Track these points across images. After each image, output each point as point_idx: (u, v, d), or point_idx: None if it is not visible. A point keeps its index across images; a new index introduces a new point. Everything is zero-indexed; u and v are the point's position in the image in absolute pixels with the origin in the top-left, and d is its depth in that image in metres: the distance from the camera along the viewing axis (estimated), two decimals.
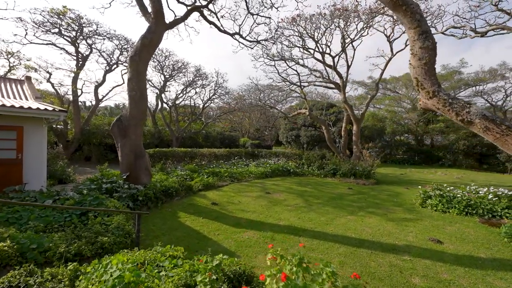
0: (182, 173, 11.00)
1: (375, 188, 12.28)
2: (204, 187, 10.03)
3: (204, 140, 24.85)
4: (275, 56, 15.58)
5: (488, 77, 26.23)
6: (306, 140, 25.96)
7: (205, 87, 23.15)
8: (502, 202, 7.47)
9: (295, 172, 15.69)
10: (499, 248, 5.40)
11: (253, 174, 13.75)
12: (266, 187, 11.38)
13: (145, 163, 8.16)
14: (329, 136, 16.34)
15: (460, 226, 6.73)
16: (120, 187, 6.73)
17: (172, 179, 9.77)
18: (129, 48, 18.31)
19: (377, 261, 4.67)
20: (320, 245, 5.33)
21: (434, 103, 3.64)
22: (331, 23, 13.86)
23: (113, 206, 5.18)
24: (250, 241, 5.34)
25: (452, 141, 24.41)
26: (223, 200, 8.62)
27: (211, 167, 13.82)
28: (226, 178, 12.16)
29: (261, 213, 7.41)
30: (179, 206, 7.67)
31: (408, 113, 27.77)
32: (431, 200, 8.41)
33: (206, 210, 7.44)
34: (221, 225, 6.25)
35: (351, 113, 15.61)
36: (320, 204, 8.77)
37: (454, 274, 4.32)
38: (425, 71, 3.65)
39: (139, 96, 8.02)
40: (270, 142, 38.92)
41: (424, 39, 3.58)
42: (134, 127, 8.01)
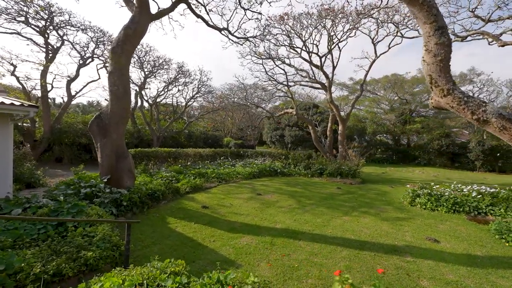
0: (167, 175, 10.37)
1: (362, 187, 12.45)
2: (192, 189, 9.50)
3: (186, 140, 23.99)
4: (262, 54, 15.32)
5: (458, 81, 27.96)
6: (290, 140, 26.01)
7: (187, 85, 22.34)
8: (486, 199, 7.78)
9: (282, 172, 15.55)
10: (492, 245, 5.53)
11: (240, 174, 13.38)
12: (256, 188, 11.07)
13: (128, 164, 7.49)
14: (316, 136, 16.40)
15: (451, 224, 6.88)
16: (101, 192, 6.07)
17: (157, 181, 9.14)
18: (106, 42, 17.11)
19: (382, 264, 4.55)
20: (322, 248, 5.12)
21: (448, 102, 3.53)
22: (319, 23, 13.87)
23: (96, 214, 4.58)
24: (249, 248, 5.00)
25: (427, 141, 25.69)
26: (214, 203, 8.18)
27: (197, 167, 13.24)
28: (213, 179, 11.68)
29: (255, 216, 7.09)
30: (167, 210, 7.12)
31: (386, 114, 28.84)
32: (420, 199, 8.59)
33: (196, 214, 6.97)
34: (215, 231, 5.84)
35: (337, 113, 15.77)
36: (313, 205, 8.63)
37: (458, 274, 4.30)
38: (440, 68, 3.53)
39: (122, 91, 7.35)
40: (253, 142, 38.72)
41: (440, 34, 3.45)
42: (116, 125, 7.33)
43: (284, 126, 27.31)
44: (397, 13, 13.56)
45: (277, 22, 13.76)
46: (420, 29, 14.07)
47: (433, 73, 3.60)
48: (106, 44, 17.06)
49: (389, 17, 13.24)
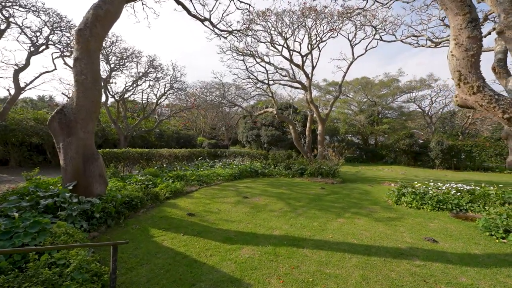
0: (142, 178, 9.26)
1: (344, 187, 12.55)
2: (172, 194, 8.58)
3: (157, 140, 22.37)
4: (241, 51, 14.72)
5: (419, 85, 30.35)
6: (266, 140, 25.77)
7: (159, 80, 20.76)
8: (465, 197, 8.19)
9: (263, 172, 15.15)
10: (485, 243, 5.68)
11: (221, 176, 12.66)
12: (240, 190, 10.47)
13: (99, 168, 6.38)
14: (296, 136, 16.29)
15: (439, 222, 7.04)
16: (67, 202, 4.97)
17: (132, 186, 8.07)
18: (64, 28, 15.01)
19: (395, 271, 4.31)
20: (329, 257, 4.75)
21: (478, 99, 3.34)
22: (301, 22, 13.73)
23: (65, 233, 3.60)
24: (253, 261, 4.43)
25: (393, 141, 27.39)
26: (200, 209, 7.41)
27: (175, 170, 12.19)
28: (194, 182, 10.80)
29: (248, 222, 6.52)
30: (148, 220, 6.20)
31: (357, 115, 30.14)
32: (405, 198, 8.77)
33: (183, 223, 6.17)
34: (209, 242, 5.14)
35: (317, 113, 15.83)
36: (304, 207, 8.31)
37: (469, 276, 4.22)
38: (471, 64, 3.32)
39: (90, 81, 6.22)
40: (227, 142, 37.89)
41: (473, 27, 3.24)
42: (83, 121, 6.18)
43: (260, 126, 27.00)
44: (374, 18, 13.98)
45: (259, 17, 13.29)
46: (395, 33, 14.55)
47: (462, 69, 3.38)
48: (64, 31, 14.99)
49: (367, 20, 13.60)
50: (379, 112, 30.44)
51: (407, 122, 32.48)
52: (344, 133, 27.89)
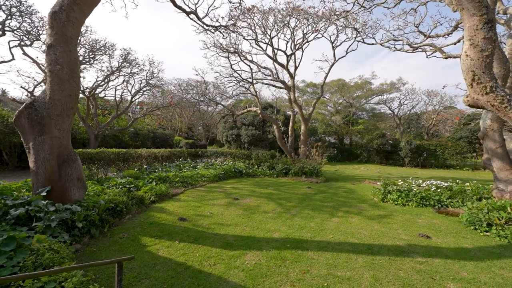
0: (122, 181, 8.49)
1: (329, 186, 12.76)
2: (158, 198, 7.97)
3: (132, 139, 21.00)
4: (225, 47, 14.30)
5: (389, 88, 32.21)
6: (247, 140, 25.51)
7: (134, 76, 19.44)
8: (445, 193, 8.70)
9: (247, 173, 14.91)
10: (472, 236, 6.02)
11: (205, 177, 12.16)
12: (228, 191, 10.10)
13: (77, 171, 5.64)
14: (280, 136, 16.26)
15: (426, 218, 7.37)
16: (42, 211, 4.27)
17: (112, 190, 7.33)
18: (24, 13, 13.35)
19: (402, 269, 4.33)
20: (336, 258, 4.65)
21: (490, 100, 3.42)
22: (286, 21, 13.70)
23: (48, 248, 3.01)
24: (261, 268, 4.17)
25: (367, 140, 28.74)
26: (190, 213, 6.94)
27: (156, 171, 11.42)
28: (178, 184, 10.19)
29: (245, 226, 6.23)
30: (137, 227, 5.62)
31: (333, 115, 31.14)
32: (391, 195, 9.08)
33: (176, 229, 5.69)
34: (208, 249, 4.77)
35: (301, 113, 15.96)
36: (296, 207, 8.23)
37: (469, 270, 4.38)
38: (486, 64, 3.38)
39: (67, 72, 5.48)
40: (205, 142, 37.00)
41: (489, 28, 3.30)
42: (59, 118, 5.42)
43: (241, 126, 26.68)
44: (356, 21, 14.42)
45: (245, 14, 12.99)
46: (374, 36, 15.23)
47: (477, 69, 3.43)
48: (25, 16, 13.33)
49: (349, 22, 13.99)
50: (353, 113, 31.75)
51: (378, 123, 34.31)
52: (322, 133, 28.63)
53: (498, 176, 7.77)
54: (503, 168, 7.51)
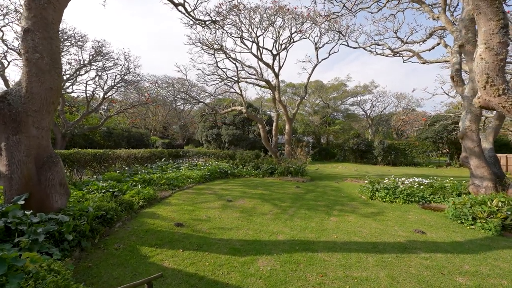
0: (104, 185, 7.74)
1: (316, 185, 12.94)
2: (147, 202, 7.39)
3: (104, 139, 19.49)
4: (211, 44, 13.82)
5: (363, 90, 33.85)
6: (228, 139, 25.09)
7: (106, 70, 18.01)
8: (427, 190, 9.24)
9: (233, 173, 14.62)
10: (460, 230, 6.41)
11: (191, 178, 11.64)
12: (219, 193, 9.75)
13: (59, 175, 4.95)
14: (265, 135, 16.17)
15: (414, 214, 7.73)
16: (25, 223, 3.63)
17: (95, 195, 6.62)
18: None
19: (412, 266, 4.43)
20: (347, 259, 4.63)
21: (501, 101, 3.59)
22: (273, 20, 13.62)
23: (47, 269, 2.49)
24: (278, 274, 3.98)
25: (344, 140, 29.90)
26: (186, 218, 6.52)
27: (138, 173, 10.63)
28: (164, 187, 9.59)
29: (247, 229, 5.99)
30: (132, 236, 5.09)
31: (311, 116, 31.90)
32: (379, 193, 9.42)
33: (175, 236, 5.27)
34: (217, 257, 4.46)
35: (285, 112, 16.02)
36: (292, 207, 8.17)
37: (469, 263, 4.62)
38: (500, 67, 3.54)
39: (48, 62, 4.77)
40: (182, 141, 35.77)
41: (504, 33, 3.44)
42: (37, 114, 4.70)
43: (221, 125, 26.15)
44: (340, 25, 14.83)
45: (231, 11, 12.64)
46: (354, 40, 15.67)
47: (491, 72, 3.57)
48: None
49: (333, 25, 14.35)
50: (330, 114, 32.83)
51: (353, 123, 35.91)
52: (301, 133, 29.17)
53: (474, 173, 8.42)
54: (480, 166, 8.15)
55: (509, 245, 5.57)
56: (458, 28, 7.86)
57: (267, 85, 16.71)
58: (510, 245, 5.54)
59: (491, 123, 9.49)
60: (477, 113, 7.97)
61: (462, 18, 7.68)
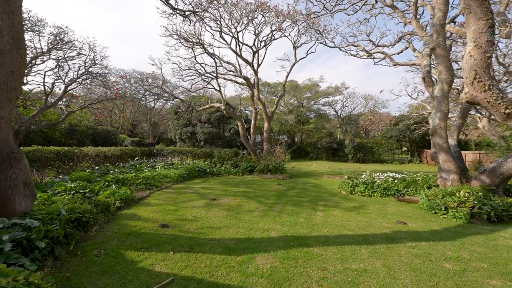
0: (73, 186, 6.93)
1: (296, 182, 13.10)
2: (124, 203, 6.78)
3: (65, 137, 17.68)
4: (189, 37, 13.21)
5: (334, 91, 35.27)
6: (203, 138, 24.37)
7: (68, 60, 16.29)
8: (401, 183, 9.83)
9: (211, 172, 14.21)
10: (436, 219, 6.88)
11: (169, 178, 11.05)
12: (200, 192, 9.36)
13: (23, 173, 4.25)
14: (244, 133, 15.96)
15: (392, 206, 8.16)
16: None
17: (63, 197, 5.88)
18: None
19: (402, 255, 4.60)
20: (342, 252, 4.66)
21: (487, 96, 3.85)
22: (253, 16, 13.46)
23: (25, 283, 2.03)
24: (278, 272, 3.85)
25: (317, 139, 30.87)
26: (171, 218, 6.09)
27: (111, 172, 9.75)
28: (141, 187, 8.94)
29: (237, 227, 5.78)
30: (113, 240, 4.57)
31: (286, 115, 32.42)
32: (358, 187, 9.80)
33: (162, 238, 4.86)
34: (212, 258, 4.20)
35: (264, 110, 15.98)
36: (278, 204, 8.12)
37: (450, 249, 4.94)
38: (487, 65, 3.77)
39: (9, 41, 4.07)
40: (152, 140, 34.06)
41: (491, 33, 3.67)
42: None
43: (196, 123, 25.32)
44: (317, 25, 15.17)
45: (212, 3, 12.19)
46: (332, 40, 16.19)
47: (479, 68, 3.80)
48: None
49: (312, 24, 14.64)
50: (304, 113, 33.69)
51: (325, 123, 37.28)
52: (276, 132, 29.48)
53: (442, 167, 9.13)
54: (447, 160, 8.86)
55: (479, 231, 6.10)
56: (430, 32, 8.46)
57: (246, 82, 16.52)
58: (479, 231, 6.07)
59: (455, 121, 10.39)
60: (446, 112, 8.65)
61: (433, 23, 8.29)
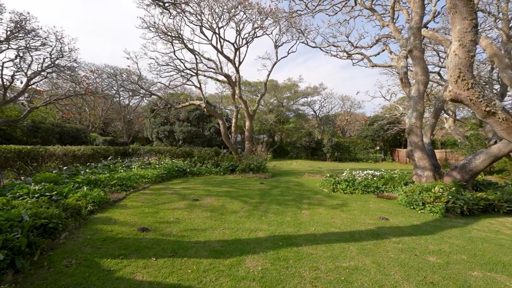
0: (37, 188, 6.23)
1: (278, 180, 13.07)
2: (97, 206, 6.22)
3: (27, 135, 16.12)
4: (169, 30, 12.59)
5: (313, 91, 35.99)
6: (182, 136, 23.60)
7: (31, 51, 14.81)
8: (380, 181, 10.16)
9: (191, 171, 13.76)
10: (414, 214, 7.15)
11: (146, 178, 10.46)
12: (181, 193, 8.94)
13: None
14: (225, 132, 15.61)
15: (373, 203, 8.38)
16: None
17: (26, 201, 5.24)
18: None
19: (389, 250, 4.66)
20: (330, 250, 4.62)
21: (469, 95, 3.99)
22: (235, 12, 13.18)
23: None
24: (270, 274, 3.69)
25: (297, 138, 31.30)
26: (150, 221, 5.68)
27: (82, 173, 8.97)
28: (116, 188, 8.33)
29: (223, 228, 5.53)
30: (86, 247, 4.11)
31: (266, 114, 32.48)
32: (340, 185, 9.96)
33: (142, 243, 4.48)
34: (198, 262, 3.93)
35: (246, 108, 15.78)
36: (262, 203, 7.99)
37: (430, 243, 5.12)
38: (470, 63, 3.90)
39: None
40: (127, 139, 32.41)
41: (475, 32, 3.80)
42: None
43: (174, 121, 24.44)
44: (298, 24, 15.28)
45: None
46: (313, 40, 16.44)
47: (463, 67, 3.92)
48: None
49: (294, 23, 14.70)
50: (283, 113, 34.01)
51: (304, 122, 37.94)
52: (257, 131, 29.42)
53: (417, 164, 9.57)
54: (422, 158, 9.29)
55: (454, 224, 6.43)
56: (408, 35, 8.82)
57: (227, 79, 16.19)
58: (455, 225, 6.39)
59: (428, 121, 10.96)
60: (421, 111, 9.06)
61: (411, 26, 8.64)
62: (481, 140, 15.73)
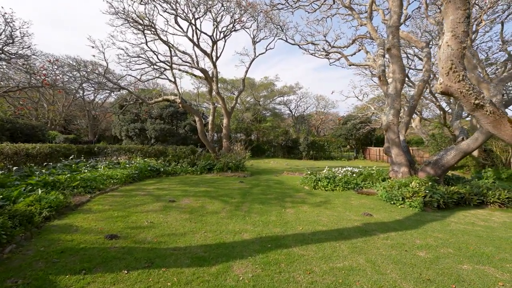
0: None
1: (258, 179, 12.74)
2: (55, 212, 5.35)
3: None
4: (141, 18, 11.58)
5: (289, 91, 36.31)
6: (154, 134, 22.28)
7: None
8: (359, 177, 10.29)
9: (166, 171, 12.91)
10: (396, 209, 7.23)
11: (115, 179, 9.51)
12: (155, 194, 8.21)
13: None
14: (202, 129, 14.89)
15: (355, 199, 8.40)
16: None
17: None
18: None
19: (379, 247, 4.54)
20: (321, 250, 4.37)
21: (460, 87, 3.95)
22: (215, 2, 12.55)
23: None
24: (263, 280, 3.31)
25: (273, 137, 31.29)
26: (120, 227, 4.99)
27: (37, 174, 7.80)
28: (78, 190, 7.37)
29: (204, 231, 5.04)
30: (37, 262, 3.37)
31: (243, 113, 32.04)
32: (321, 183, 9.90)
33: (111, 253, 3.84)
34: (180, 272, 3.42)
35: (224, 105, 15.22)
36: (244, 203, 7.59)
37: (417, 237, 5.11)
38: (462, 55, 3.86)
39: None
40: (92, 137, 30.00)
41: (468, 23, 3.76)
42: None
43: (145, 119, 23.00)
44: (274, 19, 15.06)
45: None
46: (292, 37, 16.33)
47: (455, 59, 3.86)
48: None
49: (272, 18, 14.46)
50: (260, 112, 33.84)
51: (280, 121, 38.16)
52: (234, 129, 28.87)
53: (394, 160, 9.83)
54: (399, 154, 9.55)
55: (433, 218, 6.58)
56: (387, 33, 8.99)
57: (204, 74, 15.45)
58: (434, 218, 6.55)
59: (403, 119, 11.36)
60: (398, 109, 9.30)
61: (389, 25, 8.81)
62: (445, 138, 16.84)
